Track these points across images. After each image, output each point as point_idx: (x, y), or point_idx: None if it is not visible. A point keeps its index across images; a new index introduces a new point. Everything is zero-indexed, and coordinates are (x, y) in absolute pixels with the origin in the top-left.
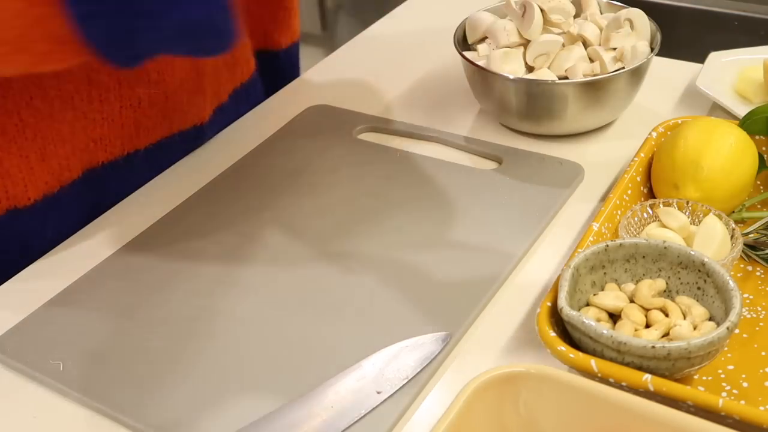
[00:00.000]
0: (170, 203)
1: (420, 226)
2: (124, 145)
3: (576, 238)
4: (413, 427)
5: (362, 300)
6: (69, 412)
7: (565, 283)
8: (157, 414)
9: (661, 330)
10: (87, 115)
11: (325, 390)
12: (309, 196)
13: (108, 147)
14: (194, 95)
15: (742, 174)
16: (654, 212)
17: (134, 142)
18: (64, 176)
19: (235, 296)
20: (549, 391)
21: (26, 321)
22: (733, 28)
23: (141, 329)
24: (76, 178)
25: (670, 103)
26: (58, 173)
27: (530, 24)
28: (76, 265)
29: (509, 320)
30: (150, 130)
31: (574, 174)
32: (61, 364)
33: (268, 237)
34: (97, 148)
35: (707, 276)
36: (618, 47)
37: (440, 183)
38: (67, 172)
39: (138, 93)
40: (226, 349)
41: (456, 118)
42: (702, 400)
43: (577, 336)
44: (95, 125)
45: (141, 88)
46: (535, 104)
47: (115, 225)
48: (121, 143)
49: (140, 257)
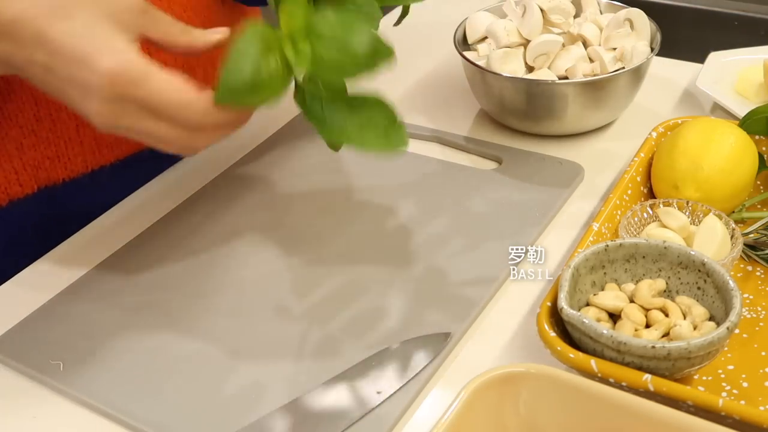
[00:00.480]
0: (169, 205)
1: (420, 226)
2: (87, 163)
3: (576, 238)
4: (413, 427)
5: (362, 300)
6: (69, 412)
7: (565, 283)
8: (157, 414)
9: (661, 330)
10: (36, 134)
11: (325, 390)
12: (308, 197)
13: (68, 165)
14: None
15: (742, 174)
16: (654, 212)
17: (98, 158)
18: (13, 190)
19: (235, 296)
20: (549, 391)
21: (26, 321)
22: (733, 28)
23: (141, 329)
24: (29, 193)
25: (670, 103)
26: (5, 186)
27: (530, 24)
28: (76, 266)
29: (509, 320)
30: (114, 146)
31: (574, 174)
32: (61, 364)
33: (267, 236)
34: (55, 166)
35: (707, 276)
36: (618, 47)
37: (440, 183)
38: (18, 187)
39: None
40: (226, 350)
41: (456, 118)
42: (702, 400)
43: (577, 336)
44: (48, 143)
45: None
46: (535, 104)
47: (115, 226)
48: (83, 160)
49: (140, 257)
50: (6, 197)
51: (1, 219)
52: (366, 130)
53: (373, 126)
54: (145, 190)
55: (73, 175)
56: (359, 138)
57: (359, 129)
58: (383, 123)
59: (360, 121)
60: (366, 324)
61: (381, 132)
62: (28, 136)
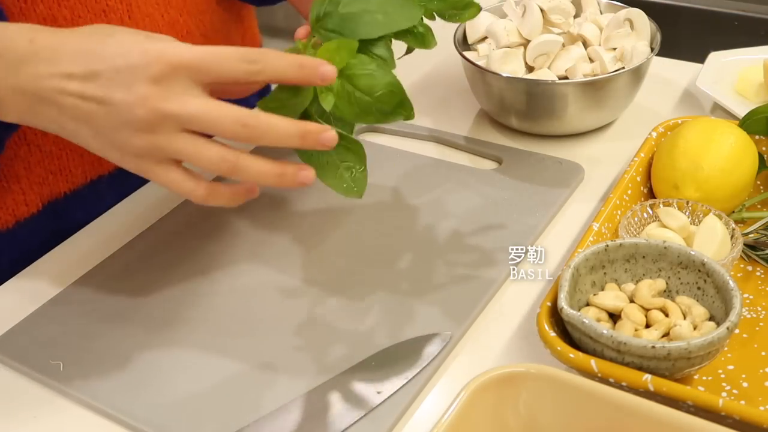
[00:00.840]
0: (168, 206)
1: (420, 226)
2: (87, 173)
3: (576, 238)
4: (413, 427)
5: (362, 300)
6: (69, 412)
7: (565, 283)
8: (157, 414)
9: (661, 330)
10: (41, 148)
11: (325, 390)
12: (307, 197)
13: (69, 177)
14: None
15: (742, 174)
16: (654, 212)
17: (97, 169)
18: (20, 211)
19: (235, 297)
20: (549, 391)
21: (26, 321)
22: (733, 28)
23: (141, 329)
24: (35, 212)
25: (670, 103)
26: (13, 209)
27: (530, 24)
28: (76, 266)
29: (509, 320)
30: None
31: (574, 174)
32: (61, 364)
33: (265, 236)
34: (57, 180)
35: (707, 276)
36: (618, 47)
37: (440, 183)
38: (24, 207)
39: None
40: (226, 350)
41: (456, 118)
42: (702, 400)
43: (577, 336)
44: (52, 157)
45: None
46: (535, 104)
47: (115, 227)
48: (83, 171)
49: (140, 258)
50: (13, 219)
51: (9, 240)
52: (330, 170)
53: (339, 169)
54: (143, 192)
55: (74, 187)
56: (322, 173)
57: (326, 166)
58: (350, 170)
59: (331, 159)
60: (366, 324)
61: (345, 178)
62: (34, 152)
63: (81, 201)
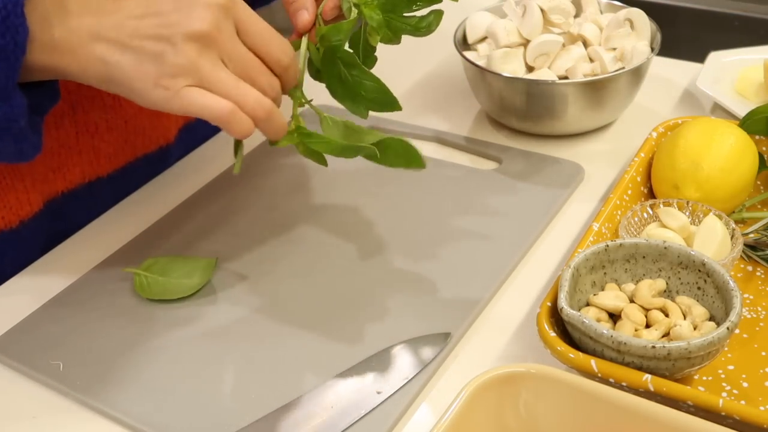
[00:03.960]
0: (168, 205)
1: (420, 226)
2: (85, 173)
3: (576, 238)
4: (413, 427)
5: (362, 300)
6: (69, 412)
7: (565, 283)
8: (157, 414)
9: (661, 330)
10: (44, 144)
11: (325, 390)
12: (307, 198)
13: (67, 176)
14: (157, 117)
15: (742, 174)
16: (654, 212)
17: (95, 169)
18: (24, 210)
19: (234, 296)
20: (549, 391)
21: (26, 321)
22: (733, 28)
23: (141, 329)
24: (37, 211)
25: (670, 103)
26: (17, 208)
27: (530, 24)
28: (75, 266)
29: (509, 320)
30: (111, 156)
31: (574, 174)
32: (61, 364)
33: (265, 237)
34: (56, 177)
35: (707, 276)
36: (618, 47)
37: (440, 183)
38: (28, 206)
39: (94, 118)
40: (225, 350)
41: (456, 118)
42: (702, 400)
43: (577, 336)
44: (51, 153)
45: (96, 113)
46: (535, 104)
47: (115, 227)
48: (81, 171)
49: (139, 257)
50: (17, 219)
51: (13, 240)
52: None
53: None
54: (144, 191)
55: (71, 187)
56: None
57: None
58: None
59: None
60: (366, 324)
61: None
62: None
63: (79, 202)
